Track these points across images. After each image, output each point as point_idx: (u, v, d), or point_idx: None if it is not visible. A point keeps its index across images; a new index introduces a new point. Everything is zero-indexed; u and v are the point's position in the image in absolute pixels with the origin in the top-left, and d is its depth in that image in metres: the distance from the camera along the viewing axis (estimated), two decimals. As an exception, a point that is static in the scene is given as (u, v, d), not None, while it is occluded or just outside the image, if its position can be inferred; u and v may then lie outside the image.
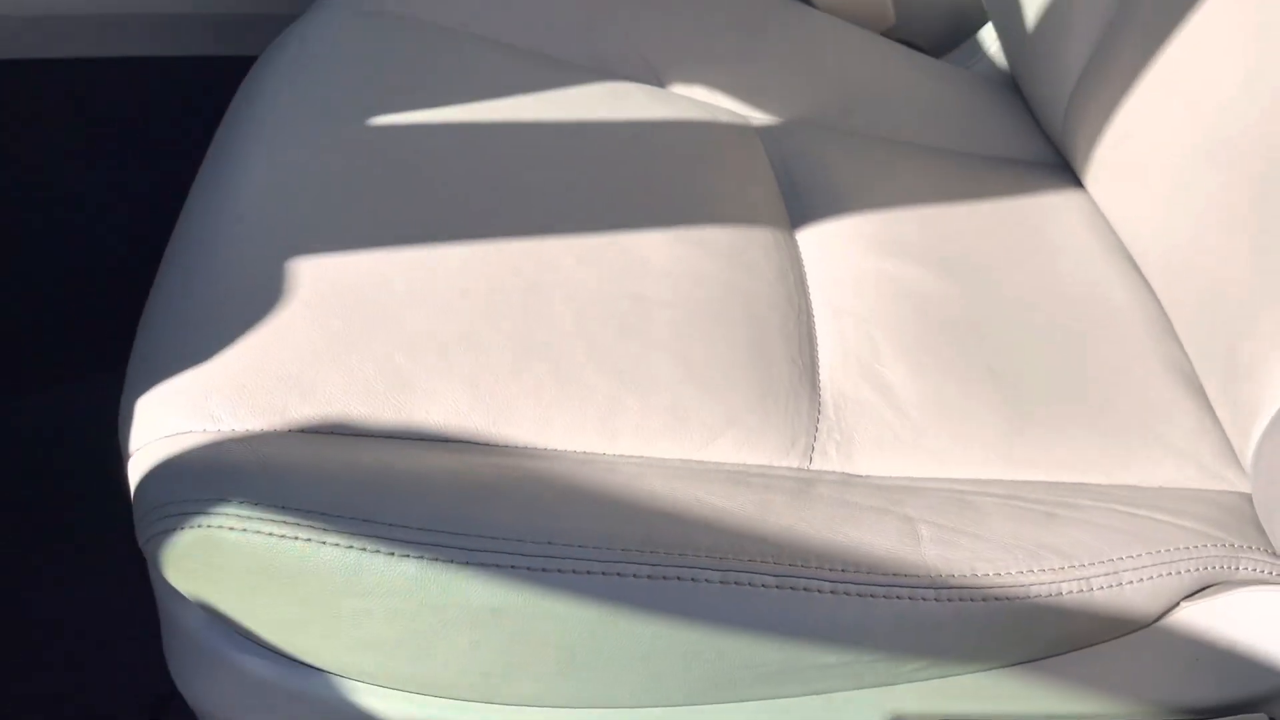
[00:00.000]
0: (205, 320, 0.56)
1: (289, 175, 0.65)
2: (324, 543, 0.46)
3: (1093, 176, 0.81)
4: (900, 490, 0.58)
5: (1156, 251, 0.73)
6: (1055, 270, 0.76)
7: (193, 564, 0.48)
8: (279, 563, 0.46)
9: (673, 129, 0.79)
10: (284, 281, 0.58)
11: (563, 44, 0.83)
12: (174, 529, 0.48)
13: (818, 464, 0.59)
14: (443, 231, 0.63)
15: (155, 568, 0.51)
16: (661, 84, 0.84)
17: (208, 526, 0.47)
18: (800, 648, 0.49)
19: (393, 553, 0.46)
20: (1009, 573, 0.52)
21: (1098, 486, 0.61)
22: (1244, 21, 0.68)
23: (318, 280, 0.58)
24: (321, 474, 0.49)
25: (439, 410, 0.54)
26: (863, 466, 0.60)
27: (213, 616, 0.51)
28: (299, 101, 0.71)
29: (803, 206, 0.76)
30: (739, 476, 0.56)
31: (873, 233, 0.74)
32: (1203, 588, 0.56)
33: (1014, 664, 0.53)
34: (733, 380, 0.60)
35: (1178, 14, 0.72)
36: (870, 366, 0.65)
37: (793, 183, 0.78)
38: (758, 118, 0.84)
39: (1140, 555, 0.55)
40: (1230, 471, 0.64)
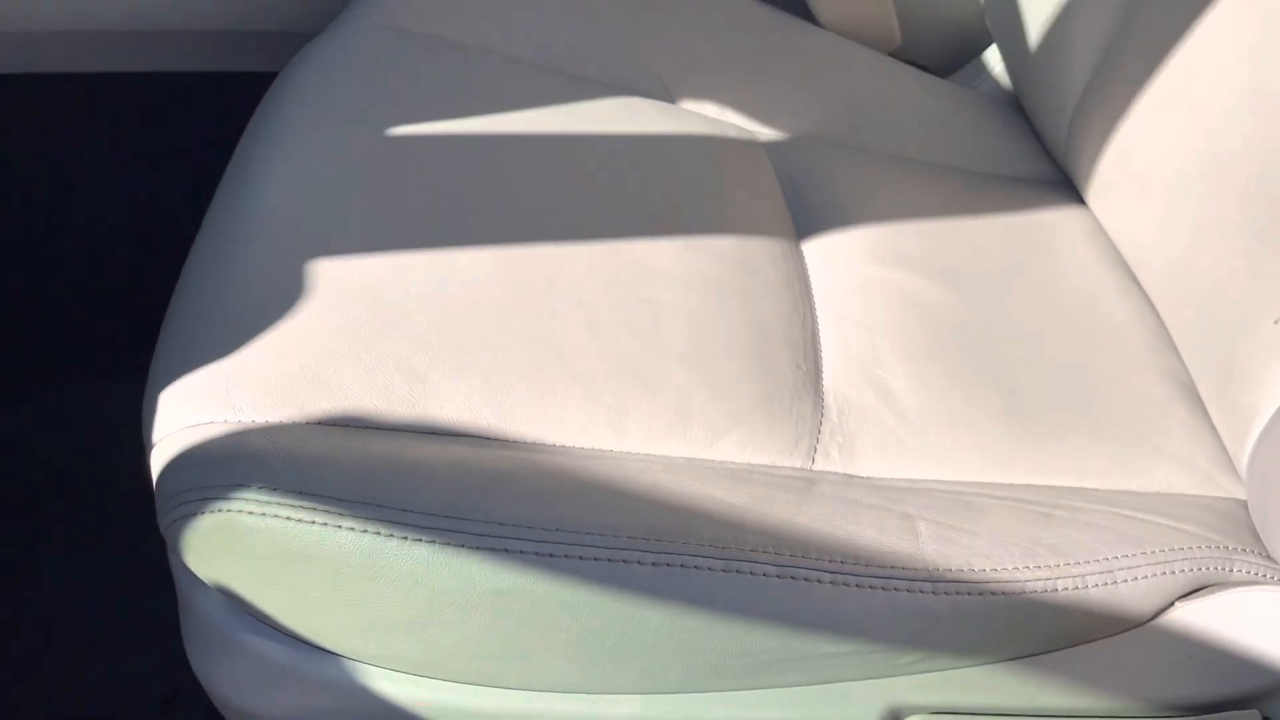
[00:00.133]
0: (227, 318, 0.58)
1: (309, 182, 0.67)
2: (340, 527, 0.48)
3: (1094, 193, 0.83)
4: (900, 490, 0.59)
5: (1155, 264, 0.75)
6: (1057, 283, 0.77)
7: (212, 548, 0.50)
8: (296, 546, 0.48)
9: (682, 143, 0.81)
10: (303, 282, 0.59)
11: (577, 61, 0.86)
12: (195, 514, 0.49)
13: (820, 465, 0.61)
14: (458, 237, 0.65)
15: (175, 553, 0.52)
16: (672, 100, 0.86)
17: (227, 511, 0.49)
18: (799, 637, 0.50)
19: (406, 537, 0.48)
20: (1005, 569, 0.53)
21: (1095, 491, 0.62)
22: (1239, 42, 0.70)
23: (336, 281, 0.60)
24: (338, 462, 0.50)
25: (451, 406, 0.56)
26: (864, 468, 0.61)
27: (230, 601, 0.52)
28: (320, 113, 0.73)
29: (808, 219, 0.78)
30: (743, 474, 0.57)
31: (876, 244, 0.76)
32: (1197, 589, 0.57)
33: (1011, 659, 0.55)
34: (738, 383, 0.62)
35: (1175, 36, 0.74)
36: (873, 372, 0.66)
37: (799, 196, 0.80)
38: (765, 133, 0.86)
39: (1135, 555, 0.56)
40: (1226, 478, 0.65)
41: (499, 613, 0.48)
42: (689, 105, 0.86)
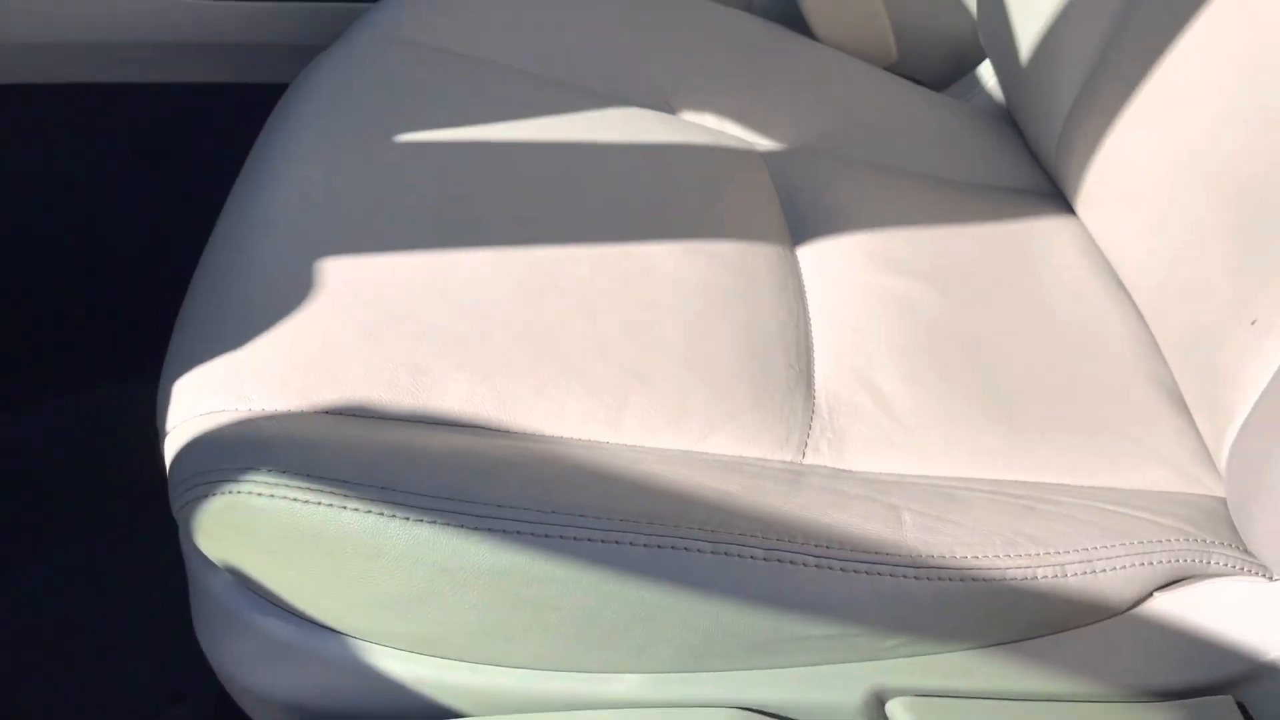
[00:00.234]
0: (239, 312, 0.60)
1: (319, 185, 0.69)
2: (345, 508, 0.50)
3: (1083, 203, 0.85)
4: (887, 484, 0.61)
5: (1141, 271, 0.77)
6: (1046, 289, 0.79)
7: (222, 529, 0.52)
8: (303, 526, 0.50)
9: (682, 152, 0.83)
10: (313, 279, 0.62)
11: (581, 73, 0.88)
12: (206, 496, 0.51)
13: (810, 459, 0.63)
14: (463, 239, 0.67)
15: (186, 535, 0.54)
16: (673, 111, 0.88)
17: (237, 492, 0.51)
18: (786, 618, 0.52)
19: (408, 518, 0.50)
20: (986, 556, 0.55)
21: (1078, 487, 0.64)
22: (1223, 57, 0.72)
23: (344, 279, 0.62)
24: (343, 447, 0.53)
25: (454, 398, 0.58)
26: (853, 463, 0.63)
27: (238, 581, 0.54)
28: (331, 120, 0.75)
29: (804, 225, 0.80)
30: (734, 465, 0.59)
31: (870, 250, 0.78)
32: (1175, 580, 0.59)
33: (992, 645, 0.56)
34: (732, 380, 0.64)
35: (1161, 51, 0.76)
36: (863, 372, 0.68)
37: (795, 203, 0.82)
38: (763, 144, 0.88)
39: (1115, 546, 0.58)
40: (1209, 477, 0.67)
41: (497, 591, 0.50)
42: (689, 116, 0.89)
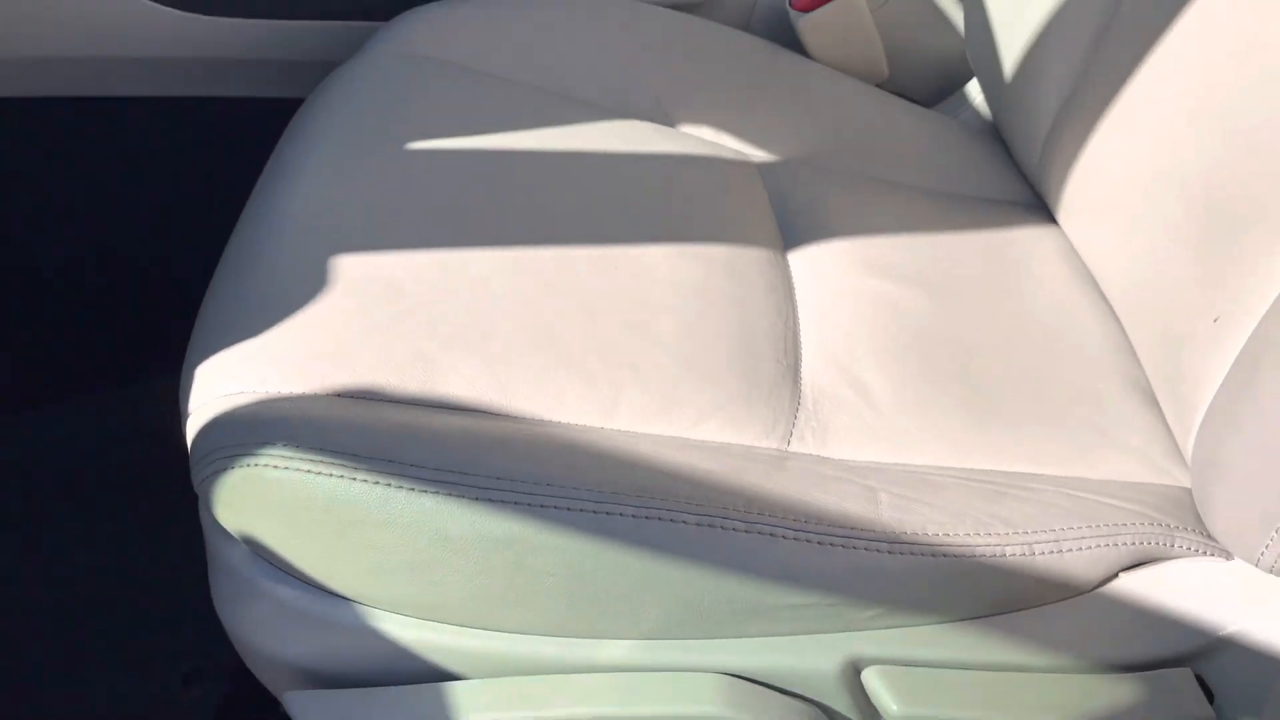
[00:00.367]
0: (258, 303, 0.64)
1: (335, 188, 0.73)
2: (354, 479, 0.54)
3: (1064, 212, 0.89)
4: (866, 469, 0.64)
5: (1116, 276, 0.80)
6: (1027, 293, 0.83)
7: (240, 500, 0.56)
8: (315, 496, 0.54)
9: (680, 162, 0.87)
10: (327, 273, 0.66)
11: (584, 87, 0.92)
12: (225, 469, 0.55)
13: (795, 447, 0.66)
14: (470, 239, 0.71)
15: (206, 508, 0.58)
16: (672, 124, 0.92)
17: (254, 465, 0.54)
18: (765, 587, 0.55)
19: (413, 489, 0.53)
20: (957, 534, 0.58)
21: (1050, 476, 0.67)
22: (1187, 75, 0.75)
23: (357, 273, 0.66)
24: (354, 426, 0.56)
25: (458, 384, 0.62)
26: (835, 451, 0.67)
27: (254, 551, 0.58)
28: (346, 129, 0.80)
29: (795, 231, 0.84)
30: (722, 449, 0.63)
31: (858, 255, 0.82)
32: (1140, 562, 0.62)
33: (964, 619, 0.60)
34: (722, 373, 0.68)
35: (1134, 71, 0.80)
36: (848, 368, 0.72)
37: (787, 211, 0.86)
38: (758, 156, 0.92)
39: (1081, 528, 0.61)
40: (1177, 469, 0.70)
41: (495, 558, 0.54)
42: (687, 129, 0.93)
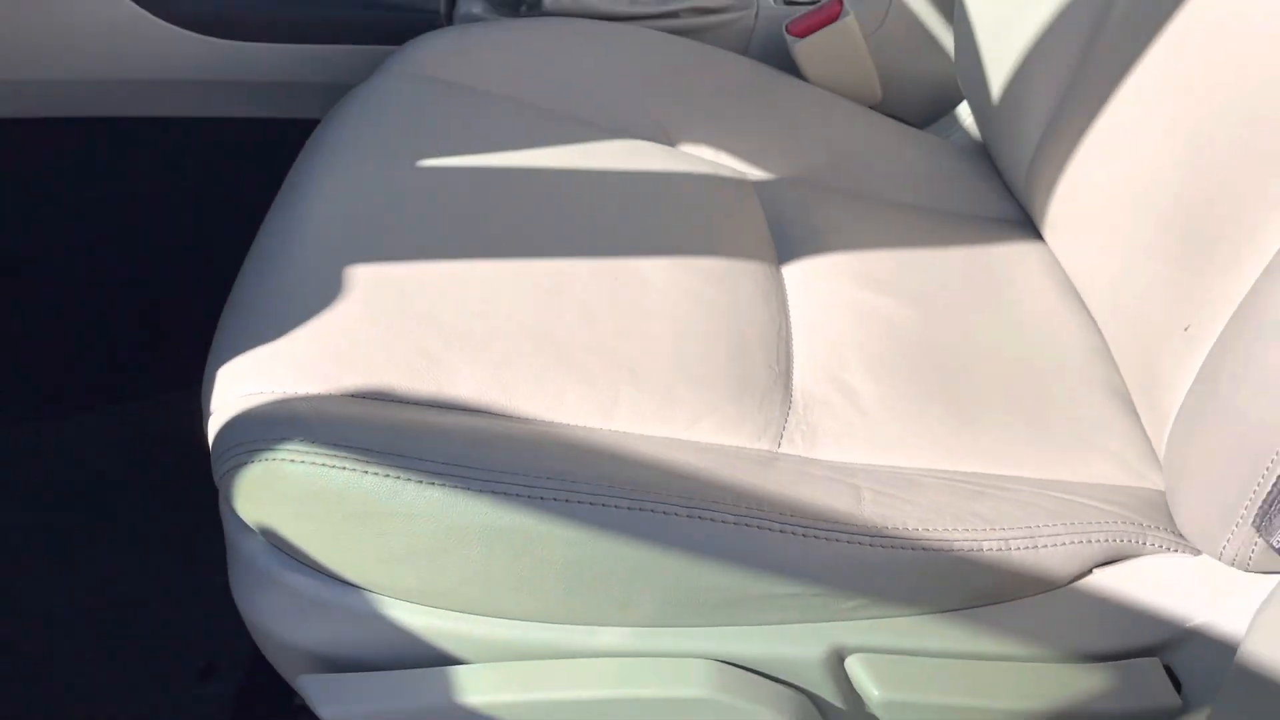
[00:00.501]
0: (276, 309, 0.68)
1: (349, 202, 0.77)
2: (366, 472, 0.57)
3: (1049, 228, 0.92)
4: (852, 469, 0.67)
5: (1097, 288, 0.84)
6: (1012, 306, 0.86)
7: (258, 492, 0.59)
8: (329, 488, 0.57)
9: (679, 180, 0.91)
10: (341, 281, 0.69)
11: (588, 108, 0.96)
12: (244, 464, 0.59)
13: (785, 448, 0.69)
14: (478, 250, 0.75)
15: (226, 500, 0.61)
16: (672, 143, 0.96)
17: (271, 460, 0.58)
18: (753, 577, 0.58)
19: (420, 481, 0.57)
20: (936, 529, 0.62)
21: (1028, 478, 0.71)
22: (1164, 99, 0.79)
23: (369, 281, 0.70)
24: (366, 423, 0.60)
25: (463, 386, 0.65)
26: (824, 453, 0.70)
27: (270, 542, 0.61)
28: (360, 146, 0.84)
29: (789, 246, 0.87)
30: (714, 449, 0.66)
31: (850, 269, 0.85)
32: (1113, 559, 0.65)
33: (944, 610, 0.63)
34: (717, 377, 0.71)
35: (1113, 95, 0.84)
36: (837, 374, 0.75)
37: (782, 227, 0.89)
38: (755, 174, 0.96)
39: (1056, 525, 0.64)
40: (1153, 473, 0.73)
41: (497, 546, 0.57)
42: (687, 149, 0.97)
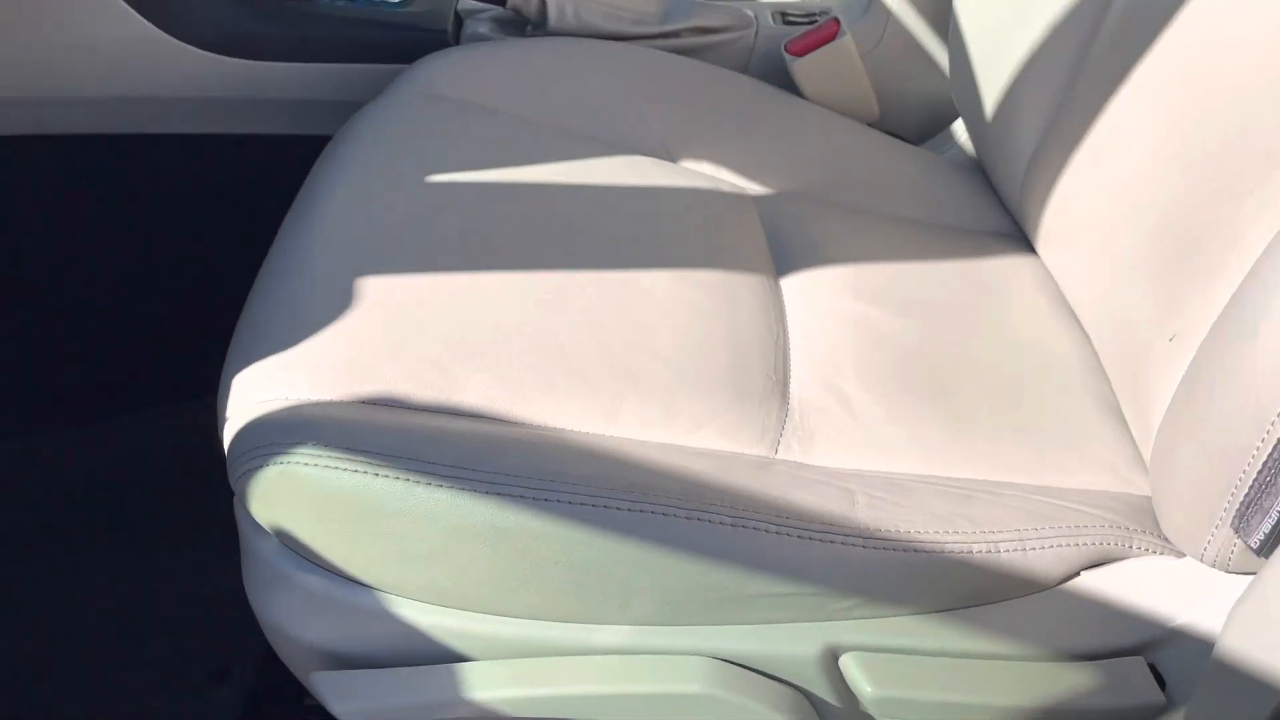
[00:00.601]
0: (290, 319, 0.70)
1: (361, 215, 0.80)
2: (376, 475, 0.59)
3: (1042, 241, 0.94)
4: (847, 474, 0.69)
5: (1087, 300, 0.86)
6: (1005, 317, 0.88)
7: (273, 495, 0.61)
8: (341, 490, 0.59)
9: (680, 195, 0.94)
10: (353, 292, 0.72)
11: (591, 124, 0.99)
12: (259, 467, 0.61)
13: (782, 454, 0.71)
14: (485, 263, 0.77)
15: (241, 503, 0.64)
16: (673, 159, 0.99)
17: (286, 463, 0.60)
18: (749, 577, 0.61)
19: (430, 484, 0.59)
20: (927, 532, 0.64)
21: (1018, 484, 0.73)
22: (1151, 114, 0.81)
23: (380, 291, 0.72)
24: (377, 428, 0.62)
25: (470, 393, 0.67)
26: (819, 459, 0.72)
27: (284, 543, 0.64)
28: (371, 162, 0.86)
29: (787, 259, 0.89)
30: (712, 454, 0.68)
31: (847, 281, 0.87)
32: (1101, 561, 0.67)
33: (935, 610, 0.64)
34: (716, 385, 0.73)
35: (1102, 112, 0.86)
36: (834, 383, 0.77)
37: (780, 240, 0.91)
38: (754, 189, 0.98)
39: (1045, 529, 0.66)
40: (1140, 479, 0.75)
41: (502, 547, 0.59)
42: (688, 164, 0.99)
